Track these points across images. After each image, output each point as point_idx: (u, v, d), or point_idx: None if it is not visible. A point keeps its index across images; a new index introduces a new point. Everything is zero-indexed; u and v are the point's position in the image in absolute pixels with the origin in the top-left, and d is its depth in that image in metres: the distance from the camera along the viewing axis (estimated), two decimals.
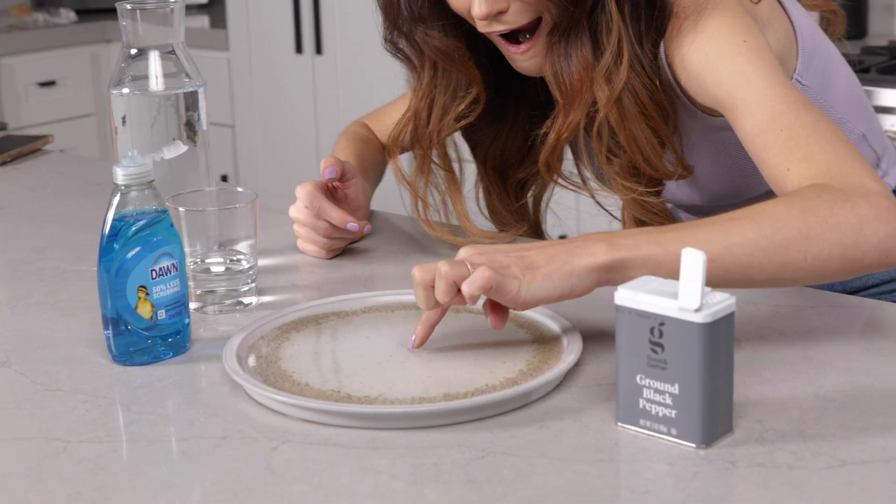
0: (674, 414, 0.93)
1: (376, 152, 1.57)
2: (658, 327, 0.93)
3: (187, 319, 1.14)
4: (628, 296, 0.94)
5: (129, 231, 1.08)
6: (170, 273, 1.11)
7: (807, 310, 1.22)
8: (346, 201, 1.43)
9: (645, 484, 0.89)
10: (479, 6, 1.24)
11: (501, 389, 1.01)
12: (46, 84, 3.77)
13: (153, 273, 1.10)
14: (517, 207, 1.50)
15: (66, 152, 2.59)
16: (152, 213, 1.10)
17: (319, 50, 3.47)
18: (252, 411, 1.02)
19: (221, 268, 1.26)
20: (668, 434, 0.94)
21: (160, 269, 1.10)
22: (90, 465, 0.93)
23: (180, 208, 1.24)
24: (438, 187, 1.43)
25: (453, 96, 1.38)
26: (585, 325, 1.15)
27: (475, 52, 1.37)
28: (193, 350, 1.15)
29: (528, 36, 1.29)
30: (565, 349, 1.09)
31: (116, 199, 1.09)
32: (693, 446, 0.93)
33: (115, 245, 1.08)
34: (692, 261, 0.90)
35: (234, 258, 1.27)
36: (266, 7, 3.54)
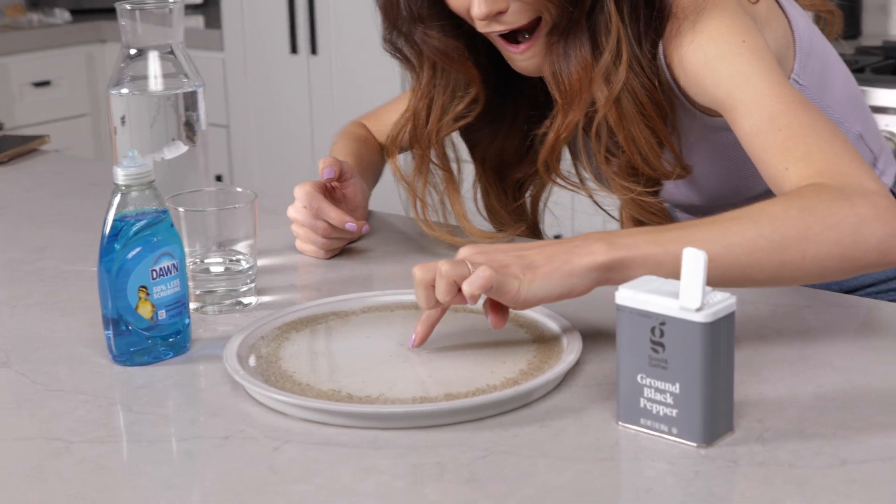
0: (675, 413, 0.94)
1: (374, 152, 1.57)
2: (659, 327, 0.93)
3: (187, 320, 1.14)
4: (629, 295, 0.94)
5: (130, 231, 1.08)
6: (170, 273, 1.11)
7: (804, 309, 1.22)
8: (344, 201, 1.43)
9: (647, 483, 0.89)
10: (478, 6, 1.25)
11: (502, 389, 1.02)
12: (41, 84, 3.76)
13: (154, 273, 1.10)
14: (515, 207, 1.50)
15: (61, 152, 2.58)
16: (153, 213, 1.10)
17: (314, 50, 3.47)
18: (253, 411, 1.02)
19: (221, 268, 1.27)
20: (669, 433, 0.94)
21: (161, 269, 1.10)
22: (92, 465, 0.93)
23: (180, 208, 1.24)
24: (437, 187, 1.43)
25: (452, 96, 1.38)
26: (584, 324, 1.15)
27: (474, 52, 1.36)
28: (193, 350, 1.15)
29: (527, 36, 1.29)
30: (565, 349, 1.09)
31: (117, 199, 1.09)
32: (694, 445, 0.93)
33: (116, 245, 1.08)
34: (693, 260, 0.90)
35: (234, 258, 1.27)
36: (261, 7, 3.54)
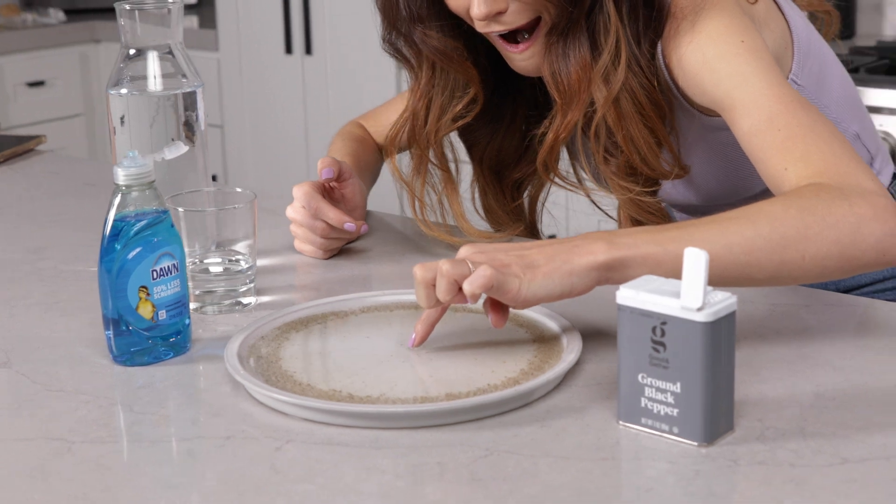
0: (675, 412, 0.94)
1: (372, 153, 1.57)
2: (660, 326, 0.93)
3: (188, 320, 1.14)
4: (630, 295, 0.95)
5: (131, 231, 1.08)
6: (170, 273, 1.11)
7: (802, 309, 1.23)
8: (342, 201, 1.43)
9: (648, 482, 0.90)
10: (478, 7, 1.25)
11: (503, 389, 1.02)
12: (35, 84, 3.76)
13: (154, 273, 1.10)
14: (513, 207, 1.50)
15: (56, 152, 2.58)
16: (153, 213, 1.10)
17: (309, 50, 3.47)
18: (254, 411, 1.02)
19: (220, 268, 1.27)
20: (670, 432, 0.94)
21: (161, 269, 1.10)
22: (94, 465, 0.93)
23: (179, 208, 1.24)
24: (435, 187, 1.43)
25: (451, 96, 1.38)
26: (583, 323, 1.16)
27: (473, 52, 1.37)
28: (194, 350, 1.15)
29: (526, 36, 1.29)
30: (565, 348, 1.09)
31: (117, 199, 1.09)
32: (695, 444, 0.93)
33: (117, 245, 1.08)
34: (695, 260, 0.91)
35: (233, 258, 1.27)
36: (255, 7, 3.54)
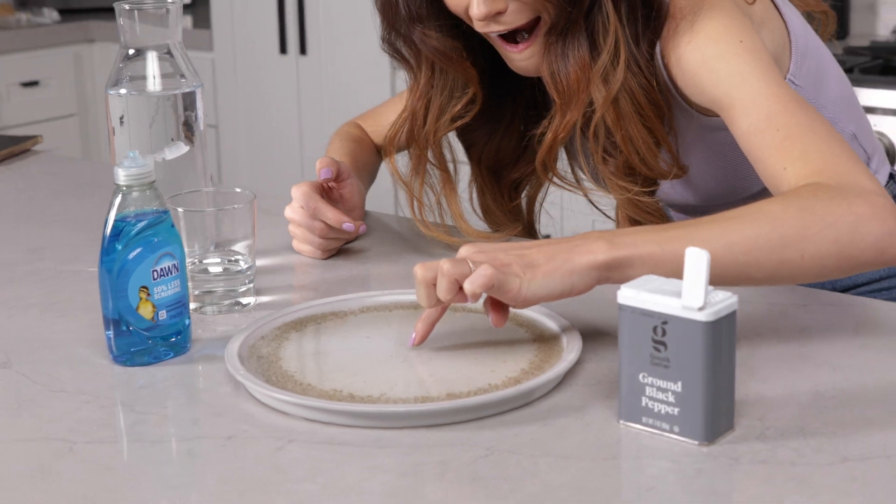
0: (676, 412, 0.94)
1: (369, 153, 1.57)
2: (661, 326, 0.93)
3: (188, 320, 1.14)
4: (631, 295, 0.95)
5: (132, 232, 1.08)
6: (171, 273, 1.11)
7: (800, 308, 1.23)
8: (341, 201, 1.43)
9: (650, 481, 0.90)
10: (477, 7, 1.25)
11: (504, 388, 1.02)
12: (29, 84, 3.75)
13: (154, 273, 1.10)
14: (511, 207, 1.51)
15: (50, 153, 2.57)
16: (153, 213, 1.10)
17: (304, 50, 3.47)
18: (255, 411, 1.02)
19: (219, 268, 1.27)
20: (671, 431, 0.95)
21: (161, 269, 1.10)
22: (97, 465, 0.93)
23: (179, 209, 1.24)
24: (434, 187, 1.43)
25: (450, 97, 1.38)
26: (582, 323, 1.16)
27: (472, 52, 1.37)
28: (194, 350, 1.15)
29: (525, 36, 1.30)
30: (565, 347, 1.09)
31: (118, 199, 1.09)
32: (696, 443, 0.94)
33: (118, 245, 1.08)
34: (696, 260, 0.91)
35: (232, 258, 1.27)
36: (250, 7, 3.54)
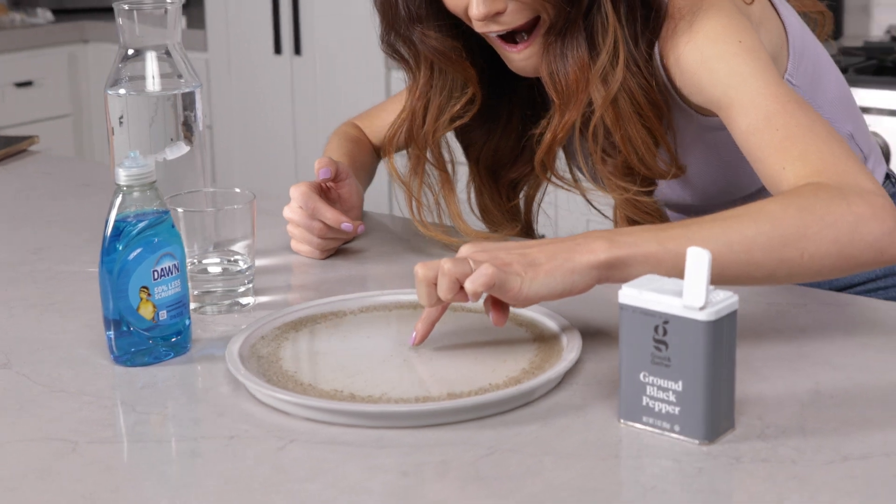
0: (677, 411, 0.94)
1: (367, 153, 1.57)
2: (662, 325, 0.93)
3: (188, 320, 1.14)
4: (632, 294, 0.95)
5: (132, 232, 1.08)
6: (171, 274, 1.11)
7: (799, 307, 1.23)
8: (339, 202, 1.43)
9: (651, 480, 0.90)
10: (476, 7, 1.25)
11: (505, 388, 1.02)
12: (23, 84, 3.75)
13: (155, 274, 1.10)
14: (509, 207, 1.51)
15: (44, 153, 2.57)
16: (154, 213, 1.10)
17: (298, 51, 3.47)
18: (256, 411, 1.02)
19: (219, 268, 1.27)
20: (672, 431, 0.95)
21: (162, 269, 1.10)
22: (99, 465, 0.93)
23: (178, 209, 1.24)
24: (432, 187, 1.44)
25: (449, 97, 1.38)
26: (582, 323, 1.16)
27: (471, 52, 1.37)
28: (194, 351, 1.15)
29: (525, 36, 1.30)
30: (566, 347, 1.09)
31: (118, 199, 1.09)
32: (696, 443, 0.94)
33: (118, 246, 1.08)
34: (697, 259, 0.91)
35: (232, 259, 1.27)
36: (245, 7, 3.54)
